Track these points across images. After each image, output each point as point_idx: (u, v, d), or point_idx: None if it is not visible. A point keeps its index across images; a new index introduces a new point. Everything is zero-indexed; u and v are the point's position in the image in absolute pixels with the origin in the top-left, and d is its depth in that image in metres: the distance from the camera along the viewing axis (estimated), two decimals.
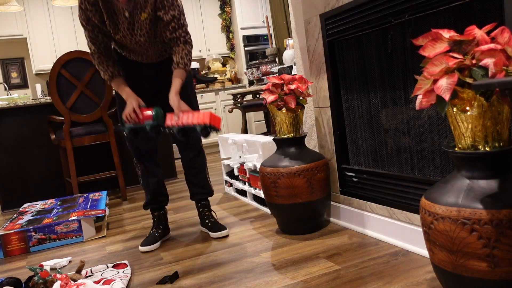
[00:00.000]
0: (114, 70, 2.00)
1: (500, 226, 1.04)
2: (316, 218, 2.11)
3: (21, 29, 5.78)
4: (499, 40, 1.10)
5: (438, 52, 1.13)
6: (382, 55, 1.81)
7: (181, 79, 1.95)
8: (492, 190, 1.09)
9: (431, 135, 1.63)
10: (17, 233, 2.38)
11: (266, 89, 2.10)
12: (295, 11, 2.32)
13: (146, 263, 1.99)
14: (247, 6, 6.65)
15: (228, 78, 6.73)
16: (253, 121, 6.43)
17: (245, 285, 1.62)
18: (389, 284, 1.47)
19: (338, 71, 2.08)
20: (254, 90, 4.44)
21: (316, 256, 1.80)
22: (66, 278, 1.66)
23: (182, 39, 1.96)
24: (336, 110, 2.10)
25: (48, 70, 5.65)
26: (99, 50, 1.99)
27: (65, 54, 3.32)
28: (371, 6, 1.73)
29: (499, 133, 1.12)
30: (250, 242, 2.08)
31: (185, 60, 1.96)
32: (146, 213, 2.98)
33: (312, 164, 2.04)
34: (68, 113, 3.36)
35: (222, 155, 3.42)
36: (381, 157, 1.91)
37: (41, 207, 2.93)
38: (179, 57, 1.96)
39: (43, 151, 3.78)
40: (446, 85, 1.07)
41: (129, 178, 4.06)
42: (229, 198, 3.10)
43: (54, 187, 3.83)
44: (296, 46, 2.38)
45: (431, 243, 1.19)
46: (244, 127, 4.76)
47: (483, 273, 1.08)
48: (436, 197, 1.17)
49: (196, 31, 6.61)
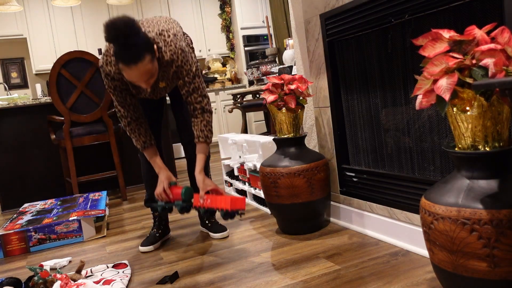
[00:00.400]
0: (146, 139, 2.01)
1: (500, 226, 1.04)
2: (316, 218, 2.11)
3: (21, 29, 5.78)
4: (499, 40, 1.10)
5: (438, 52, 1.13)
6: (382, 55, 1.81)
7: (204, 154, 1.96)
8: (492, 190, 1.09)
9: (431, 135, 1.63)
10: (17, 233, 2.38)
11: (266, 89, 2.10)
12: (295, 11, 2.32)
13: (146, 263, 1.99)
14: (247, 6, 6.65)
15: (228, 78, 6.73)
16: (253, 121, 6.43)
17: (245, 285, 1.62)
18: (389, 284, 1.47)
19: (338, 71, 2.08)
20: (254, 90, 4.44)
21: (316, 256, 1.80)
22: (66, 278, 1.66)
23: (198, 106, 1.94)
24: (336, 110, 2.10)
25: (48, 70, 5.65)
26: (129, 113, 1.98)
27: (65, 54, 3.32)
28: (371, 6, 1.73)
29: (499, 133, 1.12)
30: (250, 242, 2.08)
31: (205, 132, 1.95)
32: (146, 213, 2.98)
33: (312, 164, 2.04)
34: (68, 113, 3.36)
35: (222, 155, 3.42)
36: (381, 157, 1.91)
37: (41, 207, 2.93)
38: (198, 130, 1.95)
39: (43, 151, 3.78)
40: (446, 85, 1.07)
41: (129, 178, 4.06)
42: None
43: (54, 187, 3.83)
44: (296, 46, 2.38)
45: (431, 243, 1.19)
46: (244, 127, 4.76)
47: (483, 273, 1.08)
48: (436, 197, 1.17)
49: (196, 31, 6.61)
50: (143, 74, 1.69)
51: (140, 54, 1.64)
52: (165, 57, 1.83)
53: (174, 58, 1.84)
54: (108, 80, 1.91)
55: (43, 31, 5.86)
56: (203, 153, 1.96)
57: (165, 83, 1.98)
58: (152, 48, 1.71)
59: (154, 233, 2.23)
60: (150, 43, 1.70)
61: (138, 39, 1.64)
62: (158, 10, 6.40)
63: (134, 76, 1.69)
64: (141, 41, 1.65)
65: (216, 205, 1.78)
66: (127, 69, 1.67)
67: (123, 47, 1.63)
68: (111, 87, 1.92)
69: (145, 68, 1.68)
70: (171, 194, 1.90)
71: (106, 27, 1.60)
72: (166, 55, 1.83)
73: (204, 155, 1.96)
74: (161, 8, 6.42)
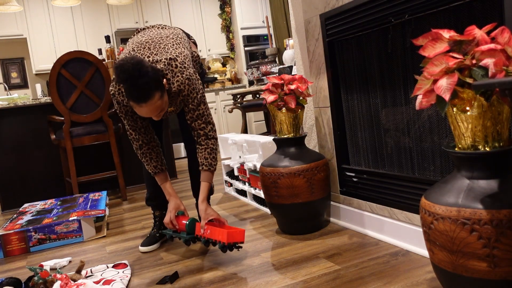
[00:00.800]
0: (157, 164, 2.03)
1: (500, 226, 1.04)
2: (316, 218, 2.11)
3: (21, 29, 5.78)
4: (499, 40, 1.10)
5: (438, 52, 1.13)
6: (382, 55, 1.81)
7: (208, 182, 1.97)
8: (492, 190, 1.09)
9: (431, 135, 1.63)
10: (17, 233, 2.38)
11: (266, 89, 2.10)
12: (295, 11, 2.32)
13: (146, 263, 1.99)
14: (247, 6, 6.65)
15: (228, 78, 6.73)
16: (253, 121, 6.43)
17: (245, 285, 1.62)
18: (389, 284, 1.47)
19: (338, 71, 2.08)
20: (254, 90, 4.44)
21: (316, 256, 1.80)
22: (66, 278, 1.66)
23: (202, 132, 1.96)
24: (336, 110, 2.10)
25: (48, 70, 5.65)
26: (140, 136, 2.00)
27: (65, 54, 3.32)
28: (371, 6, 1.73)
29: (499, 133, 1.12)
30: (250, 242, 2.08)
31: (209, 160, 1.97)
32: (146, 213, 2.98)
33: (312, 164, 2.04)
34: (68, 113, 3.36)
35: (222, 155, 3.42)
36: (381, 157, 1.91)
37: (41, 207, 2.93)
38: (202, 158, 1.97)
39: (43, 151, 3.78)
40: (446, 85, 1.07)
41: (129, 178, 4.06)
42: (229, 198, 3.10)
43: (54, 187, 3.83)
44: (296, 46, 2.38)
45: (431, 243, 1.19)
46: (244, 127, 4.76)
47: (483, 273, 1.08)
48: (436, 197, 1.17)
49: (196, 31, 6.61)
50: (154, 110, 1.75)
51: (150, 92, 1.70)
52: (173, 88, 1.87)
53: (181, 89, 1.88)
54: (119, 106, 1.94)
55: (43, 31, 5.86)
56: (207, 181, 1.97)
57: (173, 108, 2.01)
58: (161, 84, 1.76)
59: (154, 233, 2.23)
60: (159, 80, 1.75)
61: (147, 79, 1.68)
62: (158, 10, 6.40)
63: (144, 113, 1.75)
64: (150, 80, 1.70)
65: (214, 237, 1.80)
66: (137, 106, 1.73)
67: (133, 87, 1.68)
68: (122, 112, 1.95)
69: (155, 105, 1.73)
70: (178, 225, 1.95)
71: (115, 70, 1.67)
72: (174, 86, 1.87)
73: (208, 183, 1.97)
74: (161, 8, 6.42)
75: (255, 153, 2.84)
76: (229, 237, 1.75)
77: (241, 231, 1.80)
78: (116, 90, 1.91)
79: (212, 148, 1.98)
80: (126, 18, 6.27)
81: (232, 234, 1.77)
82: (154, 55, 1.87)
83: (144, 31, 2.10)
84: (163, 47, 1.90)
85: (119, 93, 1.90)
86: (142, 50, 1.89)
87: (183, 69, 1.87)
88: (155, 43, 1.92)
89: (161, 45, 1.91)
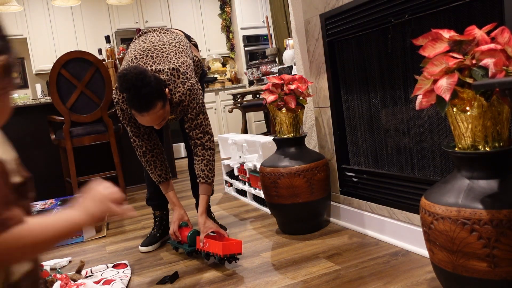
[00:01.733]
0: (161, 172, 2.03)
1: (500, 226, 1.04)
2: (316, 218, 2.11)
3: (21, 29, 5.78)
4: (499, 40, 1.10)
5: (438, 52, 1.13)
6: (382, 55, 1.80)
7: (206, 194, 1.97)
8: (492, 190, 1.09)
9: (431, 135, 1.63)
10: None
11: (266, 89, 2.10)
12: (295, 11, 2.32)
13: (146, 263, 1.99)
14: (247, 6, 6.65)
15: (228, 78, 6.73)
16: (253, 121, 6.43)
17: (245, 285, 1.62)
18: (389, 284, 1.47)
19: (338, 71, 2.08)
20: (254, 90, 4.44)
21: (316, 256, 1.80)
22: (66, 278, 1.66)
23: (199, 142, 1.96)
24: (336, 110, 2.10)
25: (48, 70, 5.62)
26: (144, 142, 2.01)
27: (65, 54, 3.31)
28: (371, 6, 1.73)
29: (499, 133, 1.12)
30: (250, 242, 2.08)
31: (206, 172, 1.96)
32: (146, 213, 2.98)
33: (312, 164, 2.04)
34: (68, 113, 3.36)
35: (222, 155, 3.42)
36: (381, 157, 1.91)
37: (41, 207, 2.93)
38: (199, 169, 1.97)
39: (43, 151, 3.78)
40: (446, 85, 1.07)
41: (129, 178, 4.06)
42: (229, 198, 3.10)
43: (54, 187, 3.82)
44: (296, 46, 2.38)
45: (431, 243, 1.19)
46: (244, 127, 4.76)
47: (483, 273, 1.08)
48: (436, 197, 1.17)
49: (196, 31, 6.61)
50: (155, 119, 1.76)
51: (152, 102, 1.71)
52: (174, 99, 1.88)
53: (182, 99, 1.89)
54: (122, 113, 1.95)
55: (43, 31, 5.86)
56: (205, 194, 1.97)
57: (174, 116, 2.02)
58: (162, 94, 1.76)
59: (154, 233, 2.23)
60: (161, 90, 1.76)
61: (150, 89, 1.70)
62: (158, 10, 6.40)
63: (146, 122, 1.76)
64: (153, 90, 1.71)
65: (212, 250, 1.80)
66: (139, 116, 1.74)
67: (135, 97, 1.69)
68: (126, 119, 1.96)
69: (157, 114, 1.75)
70: (180, 237, 1.97)
71: (118, 79, 1.69)
72: (175, 96, 1.87)
73: (206, 196, 1.97)
74: (161, 8, 6.42)
75: (255, 153, 2.84)
76: (224, 249, 1.75)
77: (238, 242, 1.79)
78: (120, 98, 1.91)
79: (209, 160, 1.97)
80: (126, 18, 6.27)
81: (228, 246, 1.76)
82: (157, 64, 1.87)
83: (146, 35, 2.09)
84: (166, 55, 1.91)
85: (123, 101, 1.91)
86: (144, 58, 1.90)
87: (185, 80, 1.87)
88: (158, 51, 1.92)
89: (164, 53, 1.92)
